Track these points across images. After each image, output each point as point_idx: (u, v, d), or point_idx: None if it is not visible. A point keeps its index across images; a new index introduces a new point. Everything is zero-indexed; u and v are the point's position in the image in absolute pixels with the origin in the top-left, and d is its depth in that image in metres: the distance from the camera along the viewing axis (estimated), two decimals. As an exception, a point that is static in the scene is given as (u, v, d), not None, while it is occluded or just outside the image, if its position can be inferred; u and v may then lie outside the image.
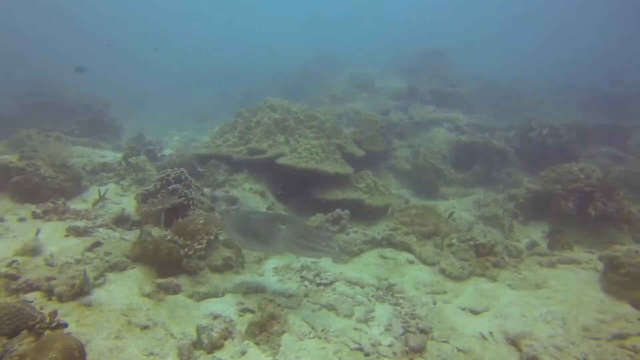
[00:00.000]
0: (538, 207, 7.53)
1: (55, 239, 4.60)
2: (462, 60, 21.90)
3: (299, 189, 7.63)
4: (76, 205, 5.82)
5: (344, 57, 24.16)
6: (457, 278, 5.13)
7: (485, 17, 49.86)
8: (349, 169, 7.60)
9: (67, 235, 4.71)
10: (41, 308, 3.25)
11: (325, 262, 5.57)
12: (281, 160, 7.07)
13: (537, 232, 7.04)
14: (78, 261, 4.13)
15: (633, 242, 6.68)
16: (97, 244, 4.56)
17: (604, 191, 6.97)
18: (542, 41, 43.83)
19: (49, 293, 3.45)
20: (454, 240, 5.72)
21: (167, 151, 10.61)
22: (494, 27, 46.58)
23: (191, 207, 5.32)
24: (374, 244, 6.03)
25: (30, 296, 3.41)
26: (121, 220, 5.35)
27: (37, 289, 3.49)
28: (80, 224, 5.05)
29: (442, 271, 5.28)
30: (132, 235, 5.04)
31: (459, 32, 39.60)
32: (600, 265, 5.51)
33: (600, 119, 14.47)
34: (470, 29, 43.99)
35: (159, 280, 3.94)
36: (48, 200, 5.57)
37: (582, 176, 7.09)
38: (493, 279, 5.18)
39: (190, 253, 4.29)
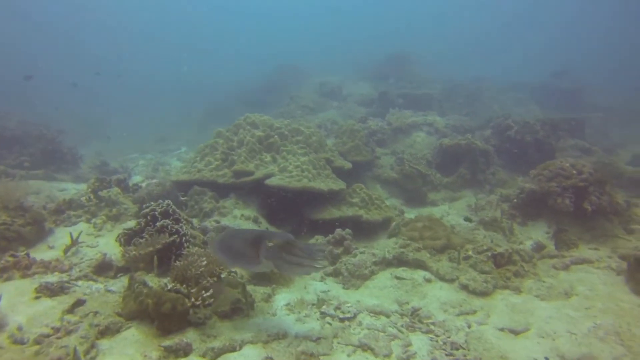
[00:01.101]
0: (534, 206, 7.49)
1: (22, 304, 3.79)
2: (422, 63, 22.27)
3: (291, 209, 7.11)
4: (43, 254, 4.93)
5: (306, 66, 23.90)
6: (483, 293, 4.83)
7: (437, 20, 52.05)
8: (342, 184, 7.19)
9: (37, 297, 3.91)
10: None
11: (337, 290, 5.10)
12: (272, 181, 6.51)
13: (538, 233, 6.95)
14: (57, 330, 3.39)
15: (625, 233, 6.79)
16: (79, 303, 3.82)
17: (596, 185, 7.05)
18: (491, 39, 46.38)
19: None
20: (470, 252, 5.43)
21: (135, 178, 9.69)
22: (446, 29, 48.75)
23: (184, 244, 4.66)
24: (385, 263, 5.63)
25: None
26: (103, 268, 4.56)
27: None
28: (53, 278, 4.24)
29: (464, 287, 4.96)
30: (119, 284, 4.30)
31: (415, 37, 40.83)
32: (613, 263, 5.45)
33: (554, 113, 15.20)
34: (425, 33, 45.66)
35: (166, 343, 3.28)
36: (5, 253, 4.68)
37: (574, 172, 7.13)
38: (517, 290, 4.92)
39: (197, 303, 3.65)
